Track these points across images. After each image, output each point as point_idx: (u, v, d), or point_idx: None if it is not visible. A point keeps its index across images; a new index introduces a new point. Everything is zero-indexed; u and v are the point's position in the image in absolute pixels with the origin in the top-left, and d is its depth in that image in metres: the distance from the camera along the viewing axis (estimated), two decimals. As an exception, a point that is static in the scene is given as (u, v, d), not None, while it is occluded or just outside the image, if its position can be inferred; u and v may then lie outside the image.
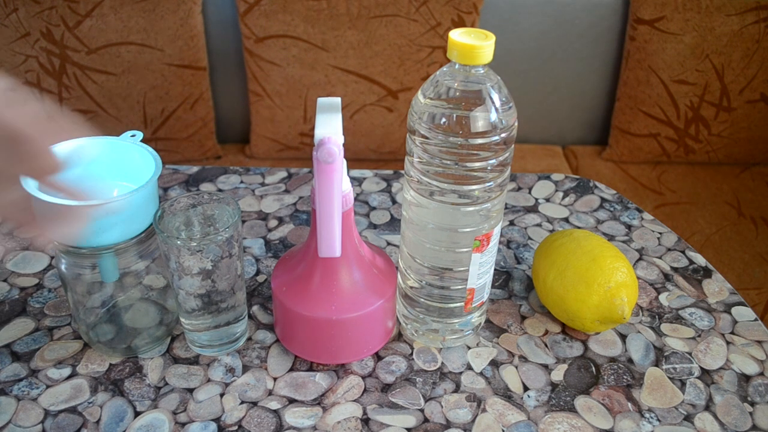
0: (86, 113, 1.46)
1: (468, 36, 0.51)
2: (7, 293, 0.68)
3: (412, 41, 1.43)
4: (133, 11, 1.38)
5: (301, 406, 0.58)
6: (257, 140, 1.56)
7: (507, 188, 0.58)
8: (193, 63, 1.46)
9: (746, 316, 0.68)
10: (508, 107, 0.53)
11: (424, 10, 1.41)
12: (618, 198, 0.87)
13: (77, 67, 1.41)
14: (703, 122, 1.54)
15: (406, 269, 0.62)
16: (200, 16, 1.44)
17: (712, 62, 1.48)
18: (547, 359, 0.63)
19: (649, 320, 0.68)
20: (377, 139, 1.54)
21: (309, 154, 1.56)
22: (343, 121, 0.70)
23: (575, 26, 1.53)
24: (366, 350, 0.61)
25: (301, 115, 1.51)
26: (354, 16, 1.41)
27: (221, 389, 0.59)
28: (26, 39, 1.38)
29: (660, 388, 0.60)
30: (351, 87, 1.47)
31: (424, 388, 0.60)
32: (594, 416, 0.57)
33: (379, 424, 0.56)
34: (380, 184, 0.88)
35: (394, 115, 1.51)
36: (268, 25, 1.41)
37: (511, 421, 0.57)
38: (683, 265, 0.76)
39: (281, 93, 1.48)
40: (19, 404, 0.57)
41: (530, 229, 0.80)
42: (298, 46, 1.43)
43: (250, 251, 0.75)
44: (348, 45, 1.43)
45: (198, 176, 0.88)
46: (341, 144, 0.50)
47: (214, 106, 1.57)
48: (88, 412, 0.56)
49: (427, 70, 1.47)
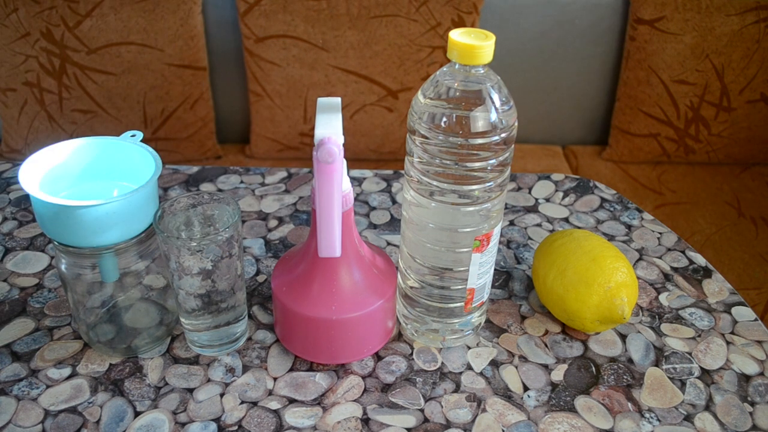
0: (86, 113, 1.46)
1: (468, 36, 0.51)
2: (7, 293, 0.68)
3: (412, 41, 1.43)
4: (133, 11, 1.38)
5: (301, 406, 0.58)
6: (257, 140, 1.56)
7: (507, 188, 0.58)
8: (193, 63, 1.46)
9: (746, 316, 0.68)
10: (508, 107, 0.53)
11: (424, 10, 1.41)
12: (618, 198, 0.87)
13: (77, 67, 1.41)
14: (703, 122, 1.54)
15: (406, 269, 0.62)
16: (200, 17, 1.44)
17: (712, 62, 1.48)
18: (547, 359, 0.63)
19: (649, 320, 0.68)
20: (377, 139, 1.55)
21: (309, 154, 1.56)
22: (343, 121, 0.70)
23: (575, 26, 1.53)
24: (366, 350, 0.61)
25: (301, 115, 1.51)
26: (354, 16, 1.41)
27: (221, 389, 0.59)
28: (26, 39, 1.38)
29: (660, 388, 0.60)
30: (351, 87, 1.47)
31: (424, 388, 0.60)
32: (594, 416, 0.57)
33: (379, 424, 0.56)
34: (380, 184, 0.88)
35: (394, 115, 1.51)
36: (268, 25, 1.41)
37: (511, 421, 0.57)
38: (683, 265, 0.76)
39: (281, 93, 1.48)
40: (19, 404, 0.57)
41: (530, 229, 0.80)
42: (298, 46, 1.43)
43: (250, 251, 0.75)
44: (348, 45, 1.43)
45: (198, 176, 0.88)
46: (341, 144, 0.50)
47: (214, 106, 1.57)
48: (88, 412, 0.56)
49: (427, 70, 1.47)
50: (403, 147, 1.55)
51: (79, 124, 1.47)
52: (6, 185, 0.85)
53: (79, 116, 1.46)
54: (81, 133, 1.48)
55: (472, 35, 0.51)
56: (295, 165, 1.55)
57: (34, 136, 1.49)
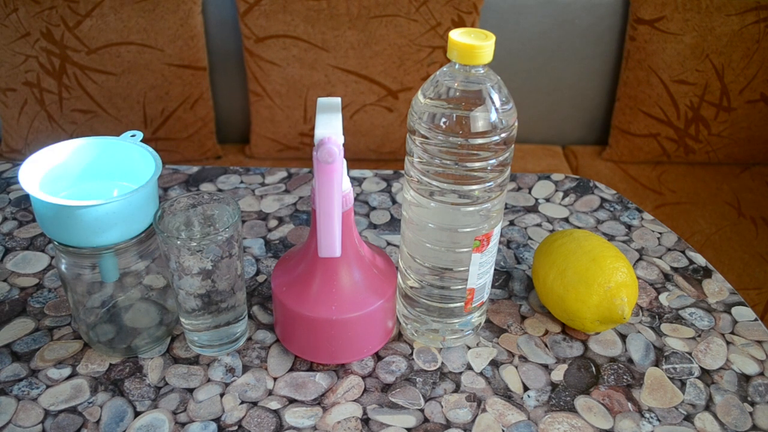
0: (86, 113, 1.46)
1: (468, 36, 0.51)
2: (7, 293, 0.68)
3: (412, 41, 1.43)
4: (133, 11, 1.38)
5: (301, 406, 0.58)
6: (257, 140, 1.56)
7: (507, 188, 0.58)
8: (193, 63, 1.46)
9: (746, 316, 0.68)
10: (508, 107, 0.53)
11: (424, 10, 1.41)
12: (618, 198, 0.87)
13: (77, 67, 1.41)
14: (703, 122, 1.54)
15: (406, 269, 0.62)
16: (200, 17, 1.44)
17: (712, 62, 1.48)
18: (547, 359, 0.63)
19: (649, 320, 0.68)
20: (377, 139, 1.55)
21: (309, 154, 1.56)
22: (343, 121, 0.70)
23: (575, 26, 1.53)
24: (366, 350, 0.61)
25: (301, 115, 1.51)
26: (354, 16, 1.41)
27: (221, 389, 0.59)
28: (26, 39, 1.38)
29: (660, 388, 0.60)
30: (351, 87, 1.47)
31: (424, 388, 0.60)
32: (594, 416, 0.57)
33: (379, 424, 0.56)
34: (380, 184, 0.88)
35: (394, 115, 1.51)
36: (268, 25, 1.41)
37: (511, 421, 0.57)
38: (683, 265, 0.76)
39: (281, 93, 1.48)
40: (19, 404, 0.57)
41: (530, 229, 0.80)
42: (298, 46, 1.43)
43: (250, 251, 0.75)
44: (348, 45, 1.43)
45: (198, 176, 0.88)
46: (341, 144, 0.50)
47: (214, 106, 1.57)
48: (88, 412, 0.56)
49: (427, 70, 1.47)
50: (403, 147, 1.55)
51: (79, 124, 1.47)
52: (6, 185, 0.85)
53: (79, 116, 1.46)
54: (81, 133, 1.48)
55: (472, 35, 0.51)
56: (295, 165, 1.55)
57: (34, 136, 1.49)
